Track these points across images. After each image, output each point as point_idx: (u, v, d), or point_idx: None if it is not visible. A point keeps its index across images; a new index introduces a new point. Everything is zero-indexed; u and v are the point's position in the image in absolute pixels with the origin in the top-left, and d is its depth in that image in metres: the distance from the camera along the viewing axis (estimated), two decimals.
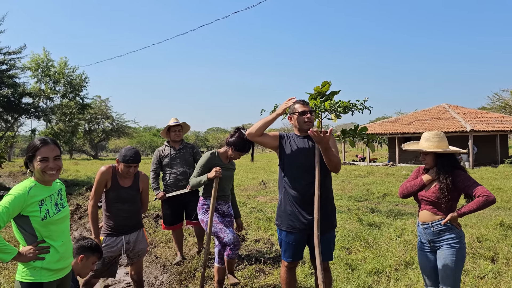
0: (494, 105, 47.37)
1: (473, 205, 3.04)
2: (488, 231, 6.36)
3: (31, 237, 2.52)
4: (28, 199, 2.45)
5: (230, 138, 4.28)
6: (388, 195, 11.98)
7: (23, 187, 2.49)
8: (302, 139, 3.54)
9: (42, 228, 2.51)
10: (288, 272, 3.60)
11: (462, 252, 3.16)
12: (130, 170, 3.79)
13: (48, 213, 2.52)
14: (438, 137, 3.29)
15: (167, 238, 6.84)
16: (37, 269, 2.51)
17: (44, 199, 2.53)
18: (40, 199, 2.51)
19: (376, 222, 7.35)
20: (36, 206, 2.49)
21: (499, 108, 45.62)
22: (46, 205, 2.53)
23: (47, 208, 2.53)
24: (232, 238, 4.16)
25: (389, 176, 17.94)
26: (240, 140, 4.18)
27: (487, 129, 24.27)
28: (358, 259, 5.28)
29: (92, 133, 52.43)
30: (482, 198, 3.00)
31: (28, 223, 2.49)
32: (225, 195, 4.34)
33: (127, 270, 5.38)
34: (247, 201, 10.57)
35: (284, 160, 3.54)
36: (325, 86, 8.26)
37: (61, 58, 27.97)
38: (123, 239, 3.86)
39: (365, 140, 8.74)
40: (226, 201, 4.36)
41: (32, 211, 2.47)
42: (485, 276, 4.61)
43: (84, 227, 8.85)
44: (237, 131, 4.24)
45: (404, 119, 30.62)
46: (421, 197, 3.31)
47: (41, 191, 2.54)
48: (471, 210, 3.05)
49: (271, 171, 21.55)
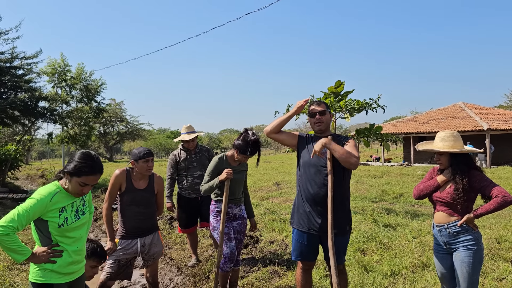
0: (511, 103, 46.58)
1: (490, 205, 2.98)
2: (508, 232, 6.24)
3: (47, 240, 2.56)
4: (50, 205, 2.48)
5: (236, 140, 4.25)
6: (404, 195, 11.85)
7: (47, 192, 2.51)
8: (317, 139, 3.53)
9: (58, 233, 2.55)
10: (303, 274, 3.59)
11: (479, 254, 3.10)
12: (149, 164, 3.82)
13: (66, 221, 2.55)
14: (453, 137, 3.23)
15: (181, 240, 6.86)
16: (47, 271, 2.55)
17: (66, 206, 2.57)
18: (62, 206, 2.54)
19: (391, 223, 7.27)
20: (56, 212, 2.52)
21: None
22: (66, 212, 2.56)
23: (66, 216, 2.56)
24: (228, 253, 4.16)
25: (404, 176, 17.75)
26: (244, 143, 4.10)
27: (504, 127, 23.87)
28: (374, 261, 5.23)
29: (107, 136, 52.99)
30: (499, 199, 2.94)
31: (46, 227, 2.53)
32: (235, 198, 4.29)
33: (143, 272, 5.41)
34: (261, 203, 10.56)
35: (300, 159, 3.61)
36: (339, 86, 8.23)
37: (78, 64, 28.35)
38: (138, 242, 3.87)
39: (380, 139, 8.66)
40: (237, 204, 4.32)
41: (51, 217, 2.51)
42: (504, 278, 4.52)
43: (100, 229, 8.94)
44: (243, 133, 4.19)
45: (419, 118, 30.30)
46: (436, 198, 3.25)
47: (64, 198, 2.57)
48: (488, 211, 2.99)
49: (285, 172, 21.51)
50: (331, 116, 3.63)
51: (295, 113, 3.65)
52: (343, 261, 3.58)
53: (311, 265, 3.69)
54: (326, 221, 3.32)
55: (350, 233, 3.64)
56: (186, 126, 5.69)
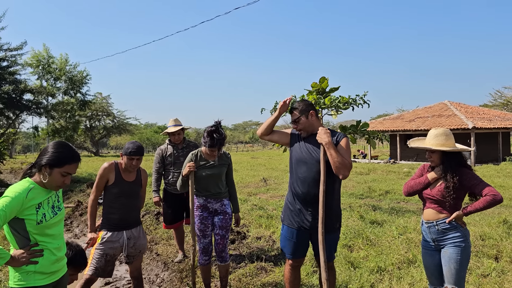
0: (496, 102, 47.28)
1: (479, 204, 3.00)
2: (491, 229, 6.32)
3: (24, 240, 2.41)
4: (26, 202, 2.34)
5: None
6: (390, 192, 11.94)
7: (21, 188, 2.37)
8: (310, 137, 3.51)
9: (37, 232, 2.41)
10: (292, 271, 3.58)
11: (467, 251, 3.12)
12: (133, 163, 3.78)
13: (44, 217, 2.42)
14: (446, 135, 3.24)
15: (168, 235, 6.81)
16: (30, 273, 2.40)
17: (42, 202, 2.43)
18: (38, 202, 2.41)
19: (378, 220, 7.32)
20: (33, 209, 2.38)
21: (501, 105, 45.53)
22: (43, 208, 2.43)
23: (44, 212, 2.43)
24: (201, 247, 4.18)
25: (390, 173, 17.90)
26: (205, 136, 4.06)
27: (489, 126, 24.20)
28: (360, 257, 5.25)
29: (93, 130, 52.45)
30: (489, 197, 2.96)
31: (23, 226, 2.38)
32: (215, 193, 4.20)
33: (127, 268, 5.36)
34: (248, 198, 10.54)
35: (291, 156, 3.59)
36: (323, 82, 8.20)
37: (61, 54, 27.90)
38: (124, 234, 3.84)
39: (366, 136, 8.68)
40: (217, 199, 4.23)
41: (28, 215, 2.36)
42: (488, 275, 4.57)
43: (85, 223, 8.83)
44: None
45: (405, 116, 30.55)
46: (426, 195, 3.26)
47: (39, 194, 2.44)
48: (477, 209, 3.01)
49: (272, 168, 21.53)
50: (312, 115, 3.53)
51: (281, 113, 3.62)
52: (333, 258, 3.57)
53: (300, 262, 3.67)
54: (316, 218, 3.30)
55: (340, 230, 3.64)
56: (172, 119, 5.65)
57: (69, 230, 8.69)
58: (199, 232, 4.17)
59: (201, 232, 4.17)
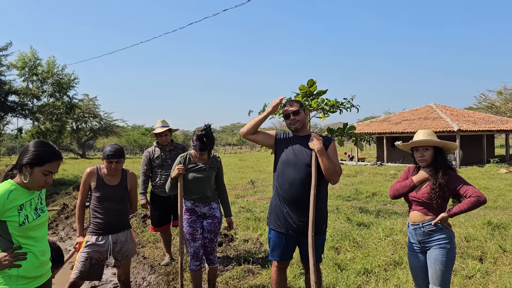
0: (480, 105, 47.96)
1: (464, 205, 3.04)
2: (476, 231, 6.40)
3: (6, 243, 2.35)
4: (7, 204, 2.29)
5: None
6: (377, 194, 12.03)
7: (2, 190, 2.32)
8: (297, 139, 3.51)
9: (19, 234, 2.35)
10: (278, 273, 3.58)
11: (452, 252, 3.16)
12: (112, 166, 3.73)
13: (27, 218, 2.36)
14: (433, 135, 3.30)
15: (155, 238, 6.77)
16: (13, 277, 2.33)
17: (24, 204, 2.38)
18: (20, 204, 2.35)
19: (365, 222, 7.36)
20: (15, 211, 2.33)
21: (486, 108, 46.19)
22: (26, 210, 2.38)
23: (26, 214, 2.37)
24: (191, 252, 4.15)
25: (377, 175, 18.03)
26: (194, 139, 4.04)
27: (473, 129, 24.53)
28: (347, 259, 5.27)
29: (79, 132, 51.88)
30: (473, 199, 3.00)
31: (5, 229, 2.32)
32: (203, 196, 4.16)
33: (115, 271, 5.31)
34: (236, 201, 10.53)
35: (277, 158, 3.54)
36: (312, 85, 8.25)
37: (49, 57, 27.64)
38: (110, 238, 3.80)
39: (353, 139, 8.74)
40: (205, 202, 4.19)
41: (10, 216, 2.31)
42: (473, 276, 4.63)
43: (71, 227, 8.74)
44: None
45: (392, 118, 30.81)
46: (411, 198, 3.29)
47: (21, 195, 2.39)
48: (462, 210, 3.05)
49: (260, 170, 21.53)
50: (306, 114, 3.60)
51: (271, 113, 3.57)
52: (320, 260, 3.58)
53: (287, 264, 3.68)
54: (303, 221, 3.31)
55: (326, 232, 3.66)
56: (160, 121, 5.63)
57: (55, 233, 8.58)
58: (189, 235, 4.13)
59: (191, 236, 4.13)
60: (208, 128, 4.06)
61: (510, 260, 5.05)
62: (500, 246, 5.52)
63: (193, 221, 4.15)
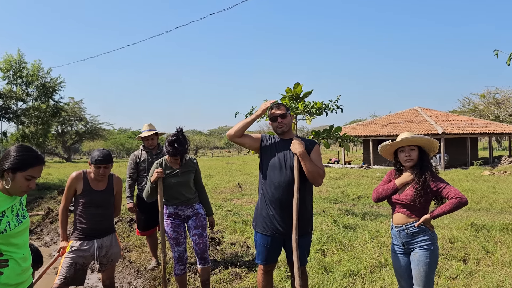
0: (464, 108, 48.70)
1: (446, 207, 3.09)
2: (460, 232, 6.49)
3: None
4: None
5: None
6: (363, 197, 12.12)
7: None
8: (283, 142, 3.54)
9: (1, 241, 2.29)
10: (264, 276, 3.58)
11: (435, 253, 3.20)
12: (100, 171, 3.70)
13: (8, 225, 2.30)
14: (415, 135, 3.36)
15: (141, 242, 6.72)
16: None
17: (6, 210, 2.32)
18: (2, 211, 2.30)
19: (351, 224, 7.41)
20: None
21: (469, 111, 46.91)
22: (7, 216, 2.32)
23: (8, 220, 2.31)
24: (176, 256, 4.15)
25: (363, 178, 18.16)
26: (167, 145, 4.03)
27: (458, 131, 24.90)
28: (334, 262, 5.30)
29: (65, 135, 51.30)
30: (455, 200, 3.06)
31: None
32: (185, 200, 4.18)
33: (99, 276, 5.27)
34: (223, 204, 10.51)
35: (263, 162, 3.56)
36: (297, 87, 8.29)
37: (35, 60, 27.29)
38: (95, 243, 3.77)
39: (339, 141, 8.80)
40: (188, 205, 4.21)
41: None
42: (457, 277, 4.70)
43: (55, 231, 8.63)
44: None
45: (378, 122, 31.11)
46: (395, 200, 3.34)
47: (3, 202, 2.33)
48: (444, 212, 3.10)
49: (247, 173, 21.53)
50: (291, 117, 3.63)
51: (259, 116, 3.61)
52: (305, 263, 3.61)
53: (273, 267, 3.69)
54: (289, 224, 3.32)
55: (312, 234, 3.68)
56: (146, 124, 5.62)
57: (39, 238, 8.47)
58: (172, 240, 4.13)
59: (174, 240, 4.13)
60: (180, 133, 4.07)
61: (492, 261, 5.14)
62: (483, 247, 5.61)
63: (177, 225, 4.15)
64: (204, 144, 78.54)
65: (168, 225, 4.14)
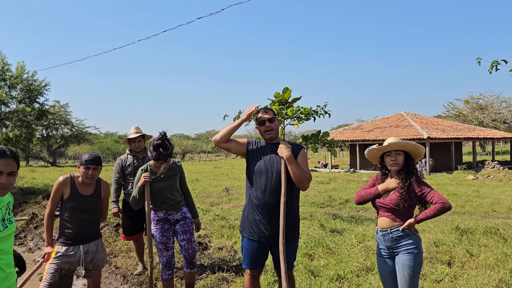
0: (449, 113, 49.42)
1: (430, 211, 3.14)
2: (445, 236, 6.56)
3: None
4: None
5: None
6: (350, 201, 12.20)
7: None
8: (269, 147, 3.55)
9: None
10: (252, 281, 3.59)
11: (419, 257, 3.25)
12: (89, 173, 3.68)
13: None
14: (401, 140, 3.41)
15: (127, 247, 6.67)
16: None
17: None
18: None
19: (338, 228, 7.45)
20: None
21: (454, 116, 47.62)
22: None
23: None
24: (164, 261, 4.15)
25: (350, 182, 18.28)
26: (151, 149, 4.05)
27: (442, 136, 25.23)
28: (321, 266, 5.33)
29: (50, 139, 50.65)
30: (438, 205, 3.10)
31: None
32: (173, 204, 4.20)
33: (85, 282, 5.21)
34: (211, 208, 10.49)
35: (249, 166, 3.57)
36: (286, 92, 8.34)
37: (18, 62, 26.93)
38: (81, 249, 3.73)
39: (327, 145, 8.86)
40: (177, 208, 4.23)
41: None
42: (442, 280, 4.75)
43: (40, 237, 8.52)
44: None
45: (364, 126, 31.37)
46: (379, 204, 3.38)
47: None
48: (428, 216, 3.14)
49: (235, 178, 21.52)
50: (279, 122, 3.66)
51: (245, 120, 3.60)
52: (292, 267, 3.62)
53: (260, 272, 3.69)
54: (276, 228, 3.33)
55: (299, 238, 3.69)
56: (134, 127, 5.61)
57: (23, 244, 8.35)
58: (161, 245, 4.12)
59: (163, 245, 4.12)
60: (164, 137, 4.07)
61: (477, 264, 5.21)
62: (468, 250, 5.68)
63: (166, 230, 4.15)
64: (192, 148, 78.21)
65: (157, 230, 4.13)
